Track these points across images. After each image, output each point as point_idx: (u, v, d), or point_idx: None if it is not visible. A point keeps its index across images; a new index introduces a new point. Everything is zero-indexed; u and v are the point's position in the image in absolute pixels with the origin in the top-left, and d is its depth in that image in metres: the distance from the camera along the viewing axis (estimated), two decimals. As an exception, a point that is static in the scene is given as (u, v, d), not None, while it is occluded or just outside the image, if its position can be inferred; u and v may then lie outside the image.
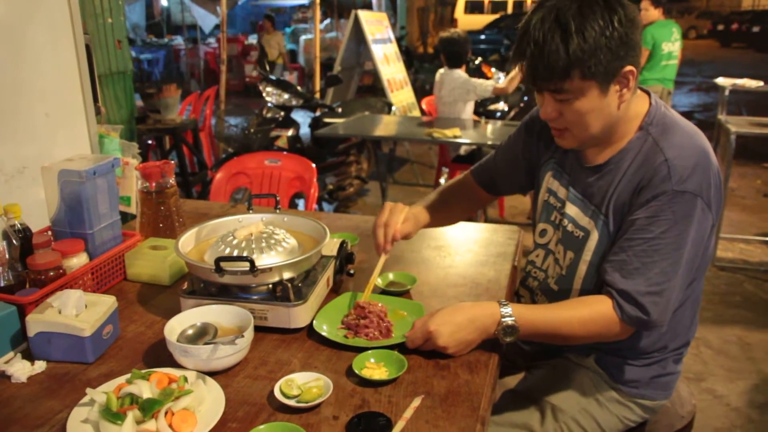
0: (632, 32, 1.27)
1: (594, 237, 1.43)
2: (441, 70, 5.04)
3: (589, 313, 1.35)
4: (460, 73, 4.96)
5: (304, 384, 1.19)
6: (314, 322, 1.42)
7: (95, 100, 2.16)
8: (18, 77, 1.83)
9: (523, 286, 1.68)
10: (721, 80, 5.15)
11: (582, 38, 1.23)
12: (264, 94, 5.06)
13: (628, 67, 1.29)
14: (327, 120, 5.22)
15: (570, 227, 1.49)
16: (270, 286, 1.41)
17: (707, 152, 1.33)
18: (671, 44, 5.86)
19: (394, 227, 1.56)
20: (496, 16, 18.70)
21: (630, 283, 1.31)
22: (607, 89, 1.30)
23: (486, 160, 1.78)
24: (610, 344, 1.44)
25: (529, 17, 1.30)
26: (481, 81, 4.97)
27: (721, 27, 25.45)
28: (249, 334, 1.28)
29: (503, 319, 1.32)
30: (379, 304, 1.46)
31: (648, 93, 1.44)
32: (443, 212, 1.75)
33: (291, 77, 6.98)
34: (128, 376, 1.18)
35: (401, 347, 1.34)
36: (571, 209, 1.49)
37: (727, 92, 4.99)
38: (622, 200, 1.38)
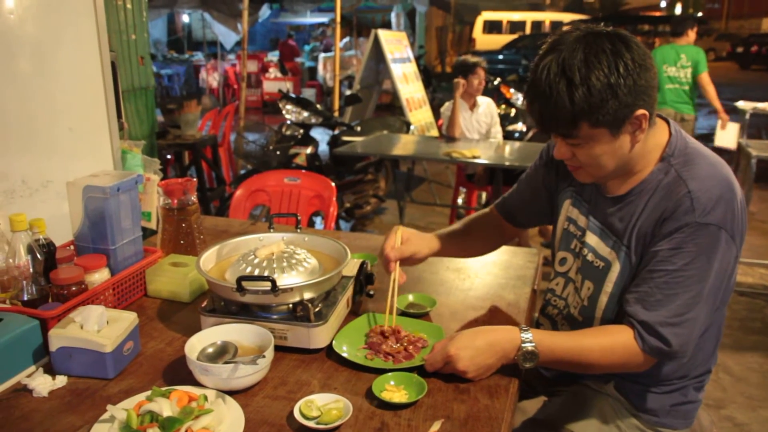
0: (642, 77, 1.24)
1: (616, 268, 1.42)
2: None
3: (611, 342, 1.34)
4: None
5: (323, 405, 1.19)
6: (334, 342, 1.42)
7: (119, 115, 2.18)
8: (44, 92, 1.86)
9: (542, 315, 1.67)
10: (741, 104, 5.13)
11: (587, 90, 1.22)
12: (284, 112, 5.09)
13: (640, 111, 1.27)
14: (346, 138, 5.24)
15: (590, 256, 1.48)
16: (290, 306, 1.41)
17: (731, 183, 1.32)
18: (674, 68, 5.78)
19: (388, 249, 1.57)
20: (515, 36, 18.65)
21: (651, 315, 1.30)
22: (619, 132, 1.29)
23: (509, 192, 1.76)
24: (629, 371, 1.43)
25: (538, 61, 1.28)
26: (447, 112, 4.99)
27: (740, 49, 25.33)
28: (269, 353, 1.28)
29: (523, 345, 1.31)
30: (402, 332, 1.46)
31: (667, 121, 1.43)
32: (464, 242, 1.75)
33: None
34: (148, 393, 1.18)
35: (420, 370, 1.34)
36: (592, 239, 1.48)
37: (747, 116, 4.97)
38: (644, 231, 1.36)
